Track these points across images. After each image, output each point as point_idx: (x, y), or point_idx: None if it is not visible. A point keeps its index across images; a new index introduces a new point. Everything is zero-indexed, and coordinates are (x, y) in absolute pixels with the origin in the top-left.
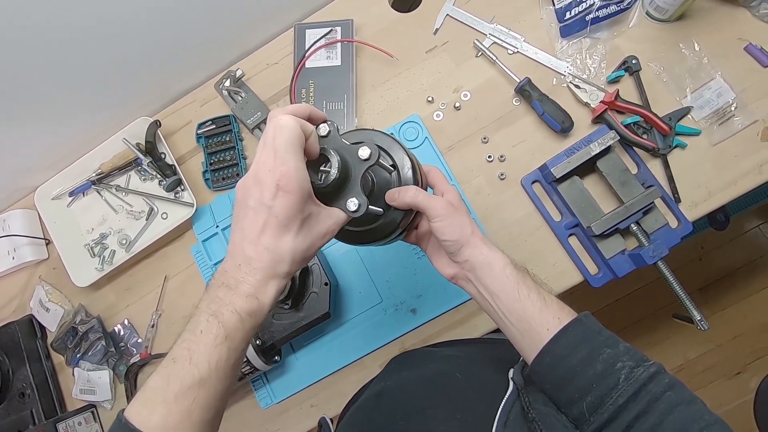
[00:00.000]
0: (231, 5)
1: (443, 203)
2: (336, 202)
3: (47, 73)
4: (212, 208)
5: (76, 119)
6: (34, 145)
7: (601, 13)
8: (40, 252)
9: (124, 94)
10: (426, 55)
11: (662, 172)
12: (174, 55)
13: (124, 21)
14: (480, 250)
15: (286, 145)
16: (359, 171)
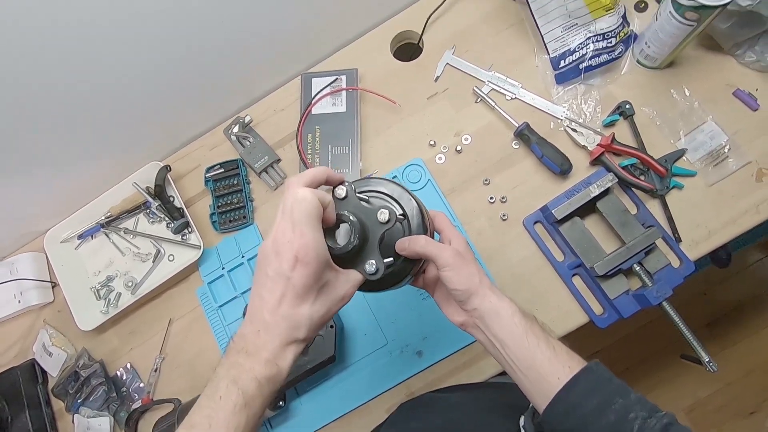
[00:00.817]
0: (241, 55)
1: (451, 252)
2: (354, 263)
3: (62, 122)
4: (218, 251)
5: (88, 165)
6: (46, 190)
7: (593, 62)
8: (46, 295)
9: (135, 140)
10: (427, 101)
11: (661, 213)
12: (185, 103)
13: (137, 71)
14: (488, 299)
15: (305, 218)
16: (377, 233)
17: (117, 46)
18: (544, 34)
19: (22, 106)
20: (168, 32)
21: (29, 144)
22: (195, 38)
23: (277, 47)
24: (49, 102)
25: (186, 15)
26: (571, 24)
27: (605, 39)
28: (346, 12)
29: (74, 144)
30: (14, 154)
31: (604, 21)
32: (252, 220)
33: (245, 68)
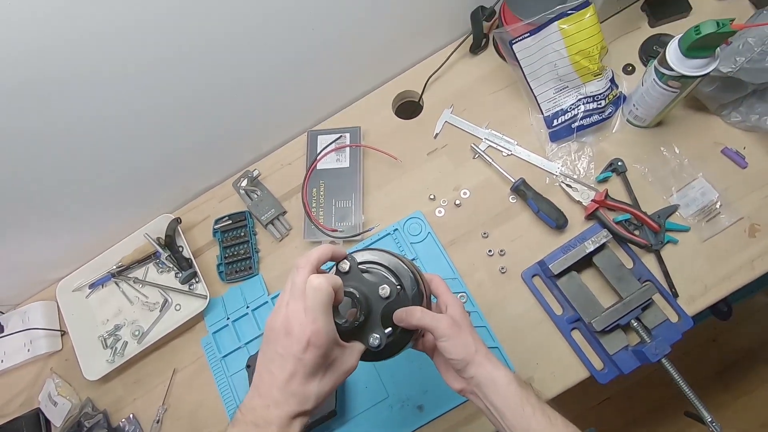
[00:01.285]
0: (252, 114)
1: (447, 323)
2: (357, 335)
3: (79, 177)
4: (224, 301)
5: (103, 218)
6: (62, 241)
7: (585, 122)
8: (54, 344)
9: (148, 194)
10: (427, 157)
11: (657, 267)
12: (197, 158)
13: (152, 128)
14: (485, 368)
15: (319, 306)
16: (378, 306)
17: (132, 104)
18: (537, 95)
19: (42, 162)
20: (182, 92)
21: (48, 198)
22: (209, 98)
23: (285, 107)
24: (67, 159)
25: (201, 75)
26: (562, 86)
27: (595, 101)
28: (351, 74)
29: (91, 198)
30: (33, 208)
31: (593, 85)
32: (257, 271)
33: (255, 125)
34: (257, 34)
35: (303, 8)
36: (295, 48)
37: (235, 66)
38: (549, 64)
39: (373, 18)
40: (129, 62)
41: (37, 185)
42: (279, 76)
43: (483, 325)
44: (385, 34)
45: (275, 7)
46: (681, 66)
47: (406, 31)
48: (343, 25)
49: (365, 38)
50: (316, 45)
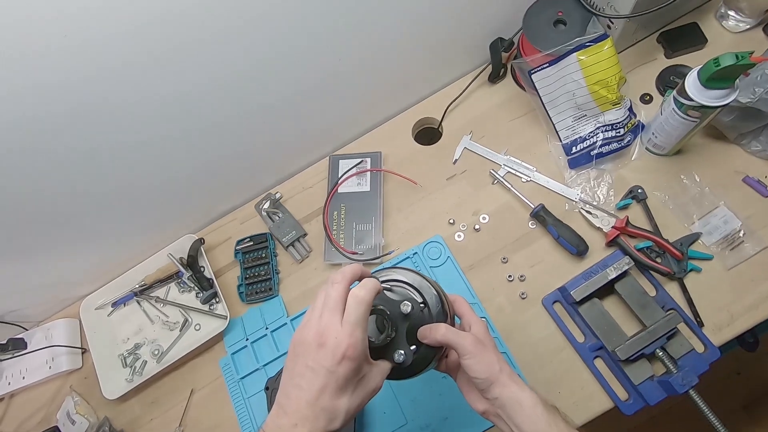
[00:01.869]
0: (275, 139)
1: (472, 340)
2: (383, 353)
3: (108, 200)
4: (243, 321)
5: (129, 238)
6: (88, 260)
7: (604, 149)
8: (75, 361)
9: (173, 215)
10: (446, 182)
11: (681, 295)
12: (221, 181)
13: (179, 153)
14: (509, 389)
15: (361, 320)
16: (402, 324)
17: (159, 129)
18: (556, 123)
19: (72, 183)
20: (210, 118)
21: (76, 218)
22: (235, 123)
23: (308, 132)
24: (96, 180)
25: (228, 102)
26: (581, 115)
27: (614, 129)
28: (373, 101)
29: (117, 218)
30: (61, 227)
31: (612, 114)
32: (277, 292)
33: (279, 150)
34: (284, 62)
35: (330, 38)
36: (320, 76)
37: (261, 92)
38: (567, 93)
39: (397, 48)
40: (159, 90)
41: (66, 205)
42: (303, 103)
43: (503, 351)
44: (408, 63)
45: (303, 37)
46: (700, 96)
47: (428, 61)
48: (367, 54)
49: (388, 67)
50: (340, 73)
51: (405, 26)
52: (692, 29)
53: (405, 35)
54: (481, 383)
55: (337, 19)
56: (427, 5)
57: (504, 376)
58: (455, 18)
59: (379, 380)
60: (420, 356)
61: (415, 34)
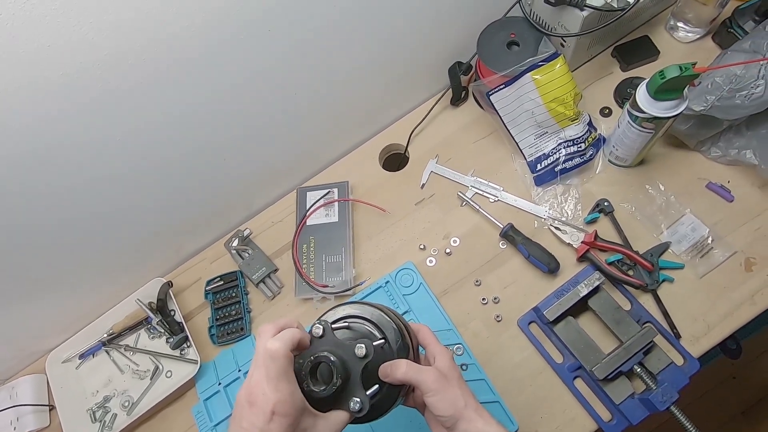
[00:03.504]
0: (241, 174)
1: (434, 376)
2: (338, 401)
3: (68, 247)
4: (215, 364)
5: (93, 286)
6: (52, 312)
7: (568, 165)
8: (42, 420)
9: (139, 259)
10: (415, 207)
11: (656, 307)
12: (188, 221)
13: (142, 194)
14: (475, 425)
15: (279, 372)
16: (357, 368)
17: (121, 170)
18: (519, 141)
19: (34, 232)
20: (173, 156)
21: (40, 269)
22: (200, 162)
23: (273, 166)
24: (59, 228)
25: (191, 140)
26: (542, 132)
27: (575, 144)
28: (337, 132)
29: (82, 267)
30: (21, 280)
31: (571, 129)
32: (249, 332)
33: (245, 186)
34: (244, 97)
35: (288, 72)
36: (281, 109)
37: (223, 130)
38: (527, 112)
39: (357, 79)
40: (118, 130)
41: (26, 255)
42: (267, 136)
43: (481, 377)
44: (369, 92)
45: (263, 71)
46: (651, 108)
47: (389, 89)
48: (327, 86)
49: (349, 98)
50: (301, 106)
51: (364, 56)
52: (644, 42)
53: (364, 64)
54: (446, 420)
55: (295, 53)
56: (385, 35)
57: (469, 411)
58: (414, 45)
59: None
60: (384, 395)
61: (375, 62)
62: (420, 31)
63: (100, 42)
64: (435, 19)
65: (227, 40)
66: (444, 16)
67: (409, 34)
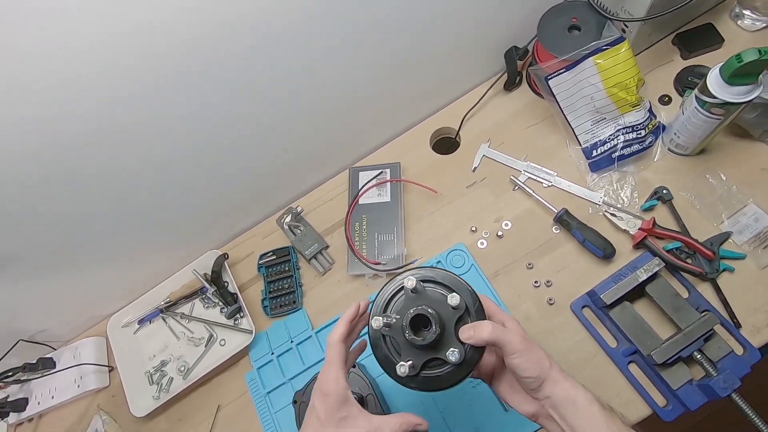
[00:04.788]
0: (295, 154)
1: (519, 337)
2: (437, 352)
3: (133, 220)
4: (268, 335)
5: (154, 256)
6: (114, 279)
7: (625, 152)
8: (103, 380)
9: (197, 232)
10: (466, 190)
11: (715, 297)
12: (243, 198)
13: (203, 172)
14: (562, 386)
15: (332, 360)
16: (451, 321)
17: (183, 150)
18: (575, 127)
19: (102, 202)
20: (230, 136)
21: (105, 237)
22: (258, 140)
23: (327, 146)
24: (126, 200)
25: (252, 120)
26: (600, 118)
27: (635, 131)
28: (391, 114)
29: (143, 238)
30: (88, 249)
31: (632, 115)
32: (301, 305)
33: (300, 164)
34: (305, 80)
35: (349, 55)
36: (339, 91)
37: (283, 110)
38: (585, 98)
39: (411, 62)
40: (180, 109)
41: (93, 225)
42: (323, 117)
43: None
44: (422, 76)
45: (320, 52)
46: (723, 93)
47: (443, 72)
48: (383, 69)
49: (403, 81)
50: (358, 87)
51: (421, 38)
52: (708, 29)
53: (420, 47)
54: (532, 382)
55: (355, 33)
56: (441, 17)
57: (555, 372)
58: (470, 29)
59: (366, 427)
60: (466, 359)
61: (431, 45)
62: (476, 15)
63: (177, 27)
64: (493, 2)
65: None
66: (502, 0)
67: (465, 18)
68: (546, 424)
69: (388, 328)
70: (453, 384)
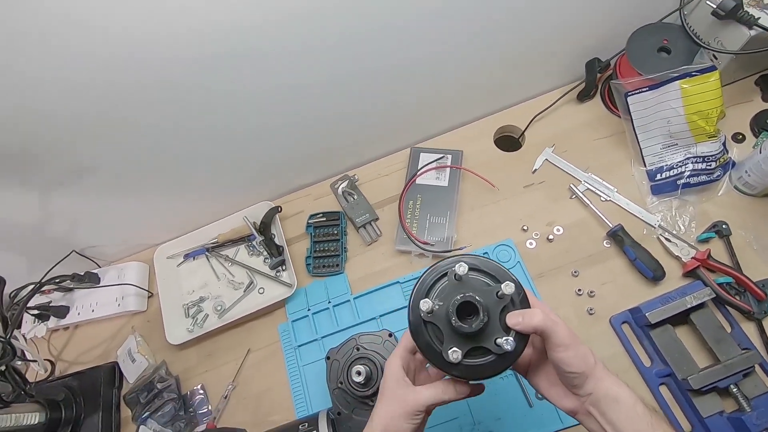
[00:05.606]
0: (361, 124)
1: (567, 330)
2: (480, 341)
3: (201, 158)
4: (307, 292)
5: (211, 195)
6: (169, 210)
7: (691, 180)
8: (141, 304)
9: (255, 180)
10: (523, 189)
11: (758, 337)
12: (304, 157)
13: (271, 126)
14: (605, 383)
15: (396, 352)
16: (496, 309)
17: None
18: (643, 148)
19: (179, 135)
20: (301, 99)
21: (175, 169)
22: (332, 104)
23: (396, 121)
24: (200, 136)
25: (331, 82)
26: (671, 143)
27: (705, 162)
28: (461, 102)
29: (210, 176)
30: (159, 175)
31: (706, 146)
32: (343, 269)
33: (364, 134)
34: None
35: (450, 35)
36: (429, 69)
37: (362, 75)
38: (662, 120)
39: (499, 52)
40: (295, 45)
41: (173, 151)
42: (404, 88)
43: None
44: (499, 71)
45: (439, 30)
46: None
47: (519, 71)
48: (473, 56)
49: (483, 72)
50: (446, 71)
51: (512, 35)
52: None
53: (509, 43)
54: (576, 378)
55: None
56: (534, 17)
57: (599, 369)
58: (558, 34)
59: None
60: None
61: (518, 43)
62: (567, 20)
63: None
64: (584, 11)
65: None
66: (595, 10)
67: (555, 22)
68: (585, 421)
69: (430, 314)
70: (495, 373)
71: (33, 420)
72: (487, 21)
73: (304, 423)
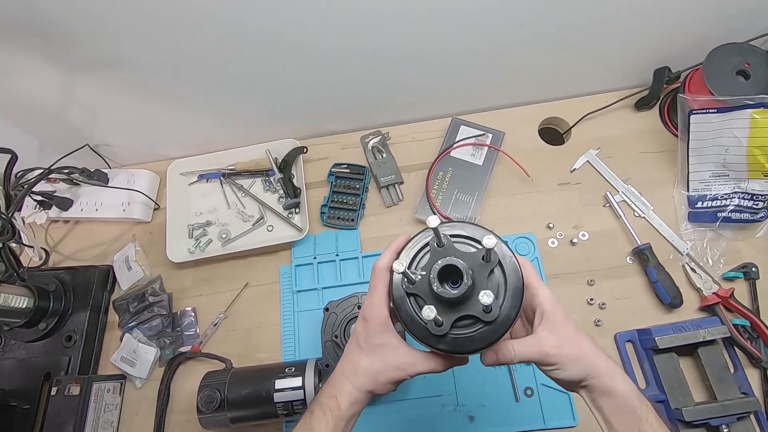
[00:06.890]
0: (411, 82)
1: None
2: (466, 309)
3: (239, 77)
4: (316, 240)
5: (236, 121)
6: (193, 125)
7: (733, 215)
8: (146, 214)
9: (287, 115)
10: (558, 187)
11: (758, 384)
12: (341, 103)
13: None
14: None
15: (374, 286)
16: (482, 274)
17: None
18: (691, 171)
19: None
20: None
21: (210, 82)
22: (387, 54)
23: (443, 86)
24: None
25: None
26: (722, 173)
27: (753, 200)
28: (514, 82)
29: (236, 99)
30: (192, 85)
31: (759, 183)
32: (357, 226)
33: (405, 92)
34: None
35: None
36: (493, 37)
37: (422, 36)
38: (720, 147)
39: (567, 42)
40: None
41: (214, 62)
42: (454, 57)
43: None
44: (568, 60)
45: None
46: None
47: (586, 65)
48: (541, 36)
49: (545, 57)
50: (511, 43)
51: (587, 23)
52: None
53: (582, 31)
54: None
55: None
56: (615, 11)
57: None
58: (634, 34)
59: (404, 360)
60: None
61: (591, 34)
62: (646, 21)
63: None
64: (666, 16)
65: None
66: (678, 16)
67: (633, 21)
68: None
69: (411, 285)
70: (487, 345)
71: (21, 303)
72: (562, 7)
73: (291, 367)
